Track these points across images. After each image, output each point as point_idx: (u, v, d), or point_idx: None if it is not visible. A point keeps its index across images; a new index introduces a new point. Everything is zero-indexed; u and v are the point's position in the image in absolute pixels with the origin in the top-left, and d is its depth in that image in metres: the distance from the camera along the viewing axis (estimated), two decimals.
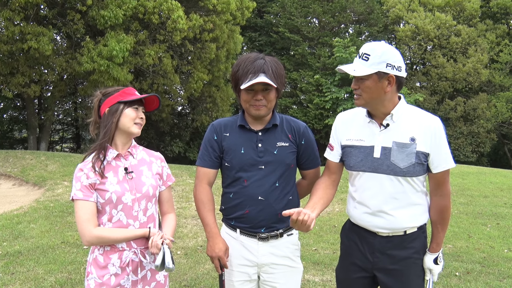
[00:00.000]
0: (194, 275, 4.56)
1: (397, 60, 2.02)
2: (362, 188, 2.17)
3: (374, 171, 2.11)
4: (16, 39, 12.09)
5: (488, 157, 25.18)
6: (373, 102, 2.07)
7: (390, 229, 2.15)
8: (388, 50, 2.01)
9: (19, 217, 6.72)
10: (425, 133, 2.05)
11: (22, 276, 4.41)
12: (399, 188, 2.09)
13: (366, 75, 2.00)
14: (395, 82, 2.04)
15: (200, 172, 2.30)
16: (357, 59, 2.05)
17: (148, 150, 2.31)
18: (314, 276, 4.57)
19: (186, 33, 14.32)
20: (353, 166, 2.18)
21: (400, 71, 2.03)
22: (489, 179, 10.80)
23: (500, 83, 23.28)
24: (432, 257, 2.21)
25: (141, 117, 2.15)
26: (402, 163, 2.05)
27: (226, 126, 2.30)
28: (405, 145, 2.06)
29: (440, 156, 2.07)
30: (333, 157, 2.29)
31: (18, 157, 11.24)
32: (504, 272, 4.73)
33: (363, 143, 2.15)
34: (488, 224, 6.90)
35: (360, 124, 2.20)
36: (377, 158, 2.10)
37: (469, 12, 23.76)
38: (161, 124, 19.33)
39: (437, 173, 2.10)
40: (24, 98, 16.79)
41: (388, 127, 2.10)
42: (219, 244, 2.21)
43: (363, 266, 2.22)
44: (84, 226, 2.03)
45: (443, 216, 2.20)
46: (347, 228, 2.36)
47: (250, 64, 2.11)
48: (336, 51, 19.84)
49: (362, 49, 2.04)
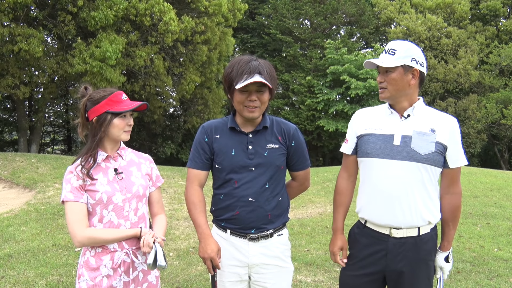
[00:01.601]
0: (187, 276, 4.55)
1: (421, 57, 2.15)
2: (379, 176, 2.17)
3: (393, 158, 2.13)
4: (6, 40, 11.96)
5: (479, 158, 25.41)
6: (398, 94, 2.14)
7: (406, 224, 2.13)
8: (413, 47, 2.14)
9: (9, 220, 6.65)
10: (444, 127, 2.14)
11: (13, 280, 4.37)
12: (418, 176, 2.11)
13: (393, 68, 2.10)
14: (419, 76, 2.14)
15: (191, 174, 2.31)
16: (384, 54, 2.17)
17: (137, 152, 2.32)
18: (306, 277, 4.58)
19: (178, 35, 14.31)
20: (370, 153, 2.19)
21: (423, 67, 2.15)
22: (479, 179, 10.89)
23: (490, 84, 23.51)
24: (444, 255, 2.27)
25: (130, 124, 2.15)
26: (422, 150, 2.09)
27: (216, 128, 2.30)
28: (425, 134, 2.12)
29: (458, 151, 2.17)
30: (346, 149, 2.35)
31: (8, 159, 11.12)
32: (494, 271, 4.78)
33: (383, 131, 2.19)
34: (478, 223, 6.97)
35: (380, 116, 2.27)
36: (397, 145, 2.13)
37: (459, 14, 24.00)
38: (153, 125, 19.27)
39: (453, 169, 2.19)
40: (14, 100, 16.61)
41: (408, 118, 2.16)
42: (211, 245, 2.21)
43: (374, 270, 2.22)
44: (75, 227, 2.03)
45: (456, 214, 2.27)
46: (355, 232, 2.36)
47: (244, 65, 2.12)
48: (328, 53, 19.95)
49: (388, 45, 2.18)
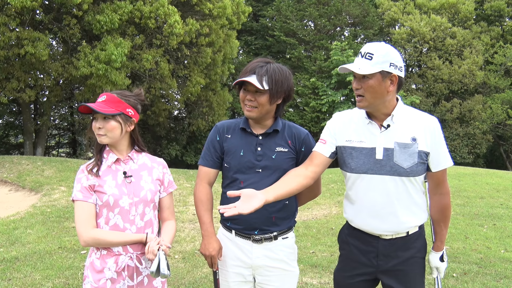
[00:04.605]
0: (192, 279, 4.55)
1: (399, 61, 2.02)
2: (364, 190, 2.14)
3: (377, 173, 2.08)
4: (12, 44, 12.06)
5: (484, 158, 25.28)
6: (376, 102, 2.03)
7: (394, 231, 2.13)
8: (391, 50, 2.01)
9: (15, 223, 6.69)
10: (425, 132, 2.06)
11: (19, 282, 4.39)
12: (402, 188, 2.08)
13: (370, 74, 1.97)
14: (397, 82, 2.03)
15: (201, 171, 2.38)
16: (360, 58, 2.02)
17: (151, 156, 2.34)
18: (312, 278, 4.57)
19: (183, 38, 14.37)
20: (354, 169, 2.14)
21: (401, 71, 2.04)
22: (485, 180, 10.83)
23: (495, 85, 23.41)
24: (438, 255, 2.26)
25: (98, 127, 2.10)
26: (405, 163, 2.04)
27: (229, 128, 2.36)
28: (407, 145, 2.05)
29: (440, 155, 2.09)
30: (324, 150, 2.19)
31: (14, 162, 11.19)
32: (501, 273, 4.75)
33: (364, 144, 2.11)
34: (484, 225, 6.93)
35: (359, 125, 2.16)
36: (380, 159, 2.07)
37: (463, 15, 23.92)
38: (157, 128, 19.32)
39: (437, 172, 2.12)
40: (20, 103, 16.73)
41: (388, 128, 2.08)
42: (213, 243, 2.26)
43: (366, 270, 2.20)
44: (82, 227, 2.06)
45: (445, 214, 2.23)
46: (346, 233, 2.32)
47: (251, 65, 2.19)
48: (333, 54, 19.91)
49: (364, 48, 2.03)
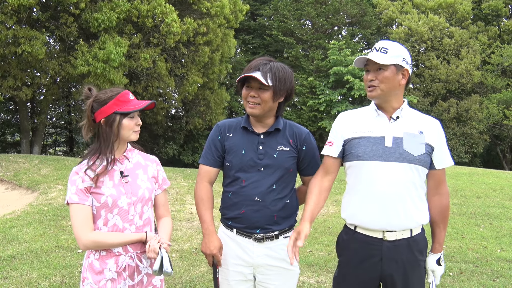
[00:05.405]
0: (189, 277, 4.55)
1: (409, 58, 2.17)
2: (371, 178, 2.11)
3: (386, 160, 2.08)
4: (9, 42, 12.01)
5: (481, 158, 25.38)
6: (388, 93, 2.12)
7: (399, 227, 2.10)
8: (402, 47, 2.15)
9: (12, 221, 6.67)
10: (431, 128, 2.16)
11: (16, 281, 4.38)
12: (410, 176, 2.08)
13: (386, 66, 2.09)
14: (407, 77, 2.15)
15: (202, 170, 2.37)
16: (374, 52, 2.12)
17: (144, 154, 2.31)
18: (309, 277, 4.58)
19: (180, 37, 14.33)
20: (362, 156, 2.12)
21: (410, 68, 2.17)
22: (482, 179, 10.88)
23: (492, 85, 23.47)
24: (435, 258, 2.24)
25: (138, 124, 2.13)
26: (415, 151, 2.09)
27: (230, 127, 2.37)
28: (415, 135, 2.12)
29: (443, 152, 2.16)
30: (332, 152, 2.24)
31: (11, 161, 11.15)
32: (497, 272, 4.77)
33: (372, 134, 2.14)
34: (481, 224, 6.95)
35: (366, 118, 2.21)
36: (389, 147, 2.09)
37: (461, 14, 23.97)
38: (155, 127, 19.30)
39: (439, 170, 2.18)
40: (17, 102, 16.68)
41: (397, 120, 2.16)
42: (214, 242, 2.27)
43: (371, 276, 2.17)
44: (80, 230, 2.01)
45: (445, 214, 2.24)
46: (345, 239, 2.26)
47: (254, 62, 2.22)
48: (331, 54, 19.93)
49: (378, 44, 2.14)
